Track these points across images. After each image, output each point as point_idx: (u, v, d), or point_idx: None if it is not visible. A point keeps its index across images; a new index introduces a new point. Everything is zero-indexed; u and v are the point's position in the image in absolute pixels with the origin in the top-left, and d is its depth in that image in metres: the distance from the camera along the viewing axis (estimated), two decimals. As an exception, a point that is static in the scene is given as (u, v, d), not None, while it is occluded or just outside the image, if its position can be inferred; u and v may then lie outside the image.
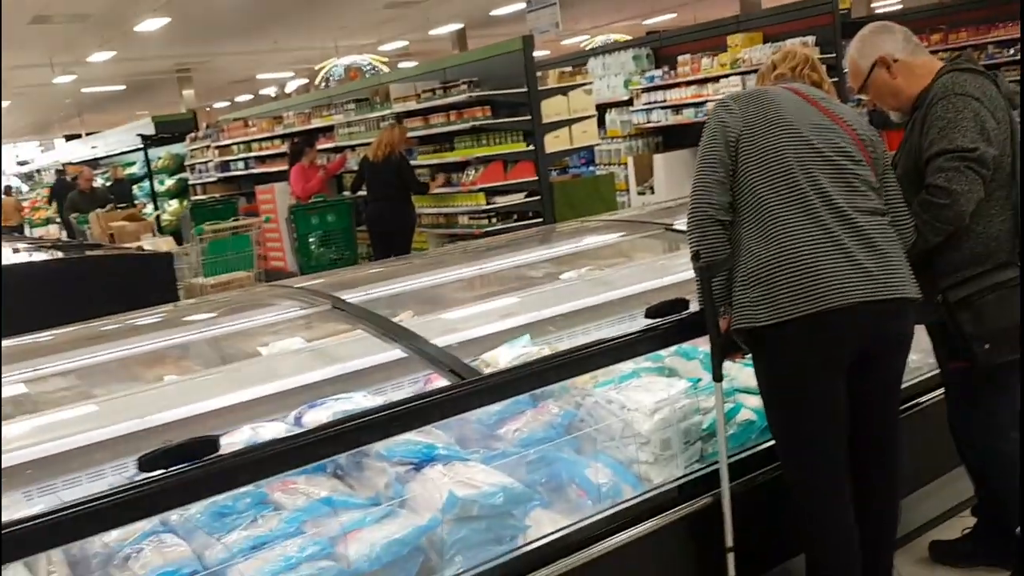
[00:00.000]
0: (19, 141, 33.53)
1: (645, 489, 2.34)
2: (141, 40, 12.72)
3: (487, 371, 2.89)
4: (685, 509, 2.33)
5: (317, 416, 2.47)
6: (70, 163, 18.94)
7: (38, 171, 26.75)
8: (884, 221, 2.22)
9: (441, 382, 2.18)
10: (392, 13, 14.42)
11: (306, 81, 22.11)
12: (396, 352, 2.25)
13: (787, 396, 2.23)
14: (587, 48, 16.23)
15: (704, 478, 2.39)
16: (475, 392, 1.88)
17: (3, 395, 2.64)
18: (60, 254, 6.01)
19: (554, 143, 8.29)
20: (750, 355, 2.28)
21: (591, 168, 10.65)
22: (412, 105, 8.78)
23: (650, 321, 2.40)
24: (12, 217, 16.84)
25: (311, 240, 8.99)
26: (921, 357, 2.84)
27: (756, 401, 2.49)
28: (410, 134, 8.59)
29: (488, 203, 8.11)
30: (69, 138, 25.04)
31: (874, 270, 2.12)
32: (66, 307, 5.02)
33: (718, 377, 2.26)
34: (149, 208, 15.37)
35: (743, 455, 2.50)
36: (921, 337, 2.44)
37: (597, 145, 9.44)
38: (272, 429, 2.43)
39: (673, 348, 2.73)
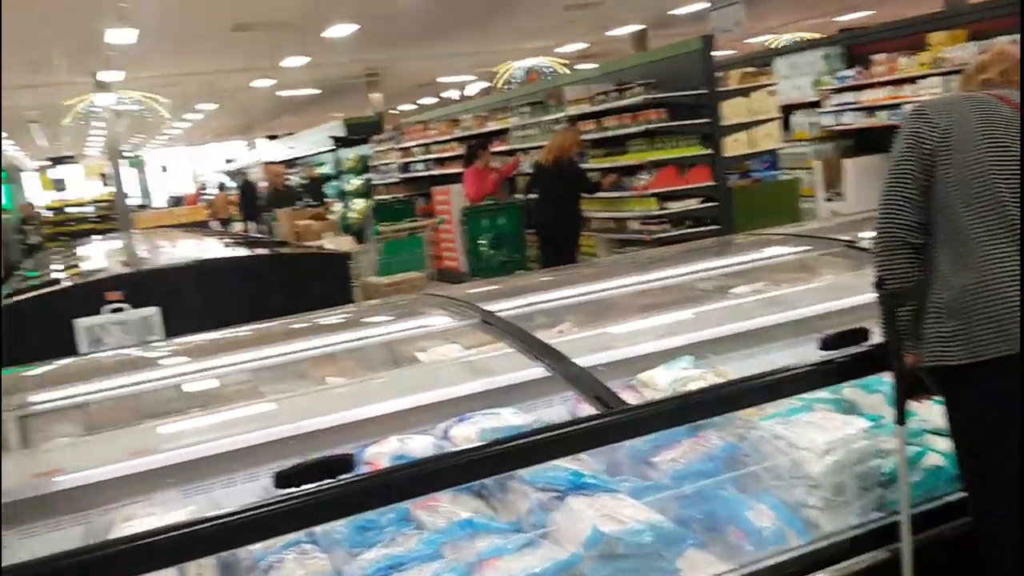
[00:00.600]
0: (227, 140, 36.27)
1: (813, 537, 2.12)
2: (332, 46, 13.35)
3: (643, 392, 2.77)
4: (859, 563, 2.08)
5: (464, 431, 2.41)
6: (270, 162, 20.25)
7: (242, 170, 28.83)
8: None
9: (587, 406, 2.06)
10: (571, 15, 14.39)
11: (487, 84, 22.55)
12: (540, 370, 2.15)
13: (982, 444, 1.96)
14: (772, 47, 15.57)
15: (882, 529, 2.14)
16: (618, 424, 1.74)
17: (185, 390, 2.78)
18: (251, 250, 6.35)
19: (734, 147, 7.97)
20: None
21: (774, 172, 10.16)
22: (586, 108, 8.69)
23: (825, 353, 2.17)
24: (221, 211, 18.26)
25: (481, 242, 9.08)
26: None
27: (947, 445, 2.21)
28: (583, 137, 8.49)
29: (661, 208, 7.89)
30: (271, 138, 26.82)
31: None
32: (252, 299, 5.32)
33: (901, 420, 2.01)
34: (338, 206, 16.17)
35: (929, 506, 2.21)
36: None
37: (781, 149, 8.98)
38: (419, 442, 2.38)
39: (852, 379, 2.48)
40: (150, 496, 2.23)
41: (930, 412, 2.36)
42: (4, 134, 21.56)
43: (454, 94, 25.88)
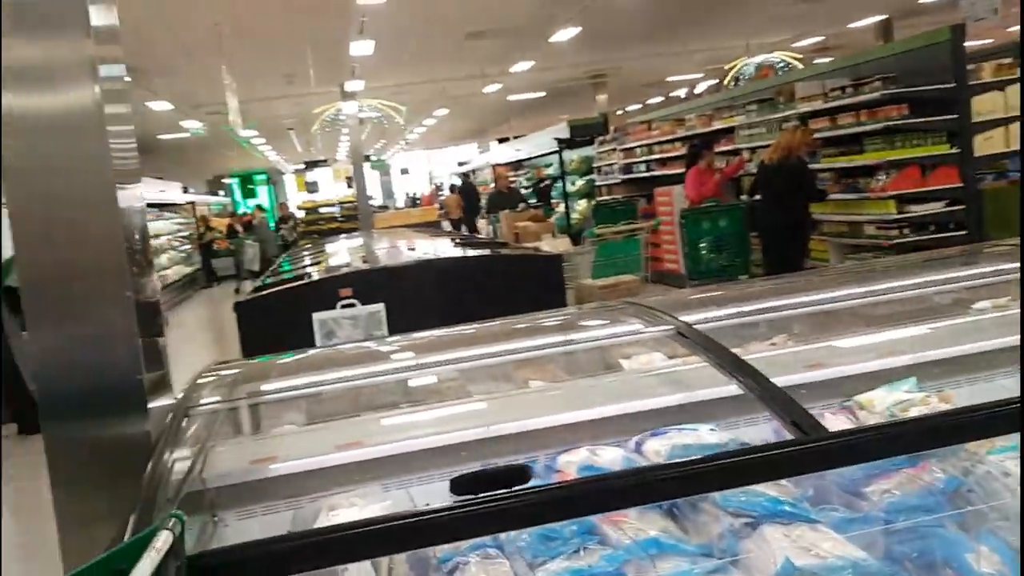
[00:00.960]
0: (461, 144, 37.94)
1: (1043, 589, 1.86)
2: (557, 50, 13.56)
3: (859, 415, 2.56)
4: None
5: (657, 446, 2.34)
6: (497, 164, 20.95)
7: (473, 171, 30.05)
8: None
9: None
10: (807, 8, 13.70)
11: (716, 81, 21.99)
12: (735, 388, 2.04)
13: None
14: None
15: None
16: (813, 453, 1.61)
17: (396, 385, 2.92)
18: (467, 251, 6.59)
19: (986, 145, 7.24)
20: None
21: (1036, 173, 9.14)
22: (818, 104, 8.24)
23: (1071, 384, 1.90)
24: (453, 212, 19.17)
25: (701, 245, 8.86)
26: None
27: None
28: (816, 135, 8.05)
29: (900, 212, 7.32)
30: (500, 141, 27.73)
31: None
32: (466, 299, 5.53)
33: None
34: (561, 207, 16.44)
35: None
36: None
37: (1044, 147, 8.05)
38: (610, 454, 2.35)
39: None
40: (355, 487, 2.36)
41: None
42: (263, 140, 23.73)
43: (682, 93, 25.47)
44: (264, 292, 5.97)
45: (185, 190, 24.68)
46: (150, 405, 2.18)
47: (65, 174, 2.01)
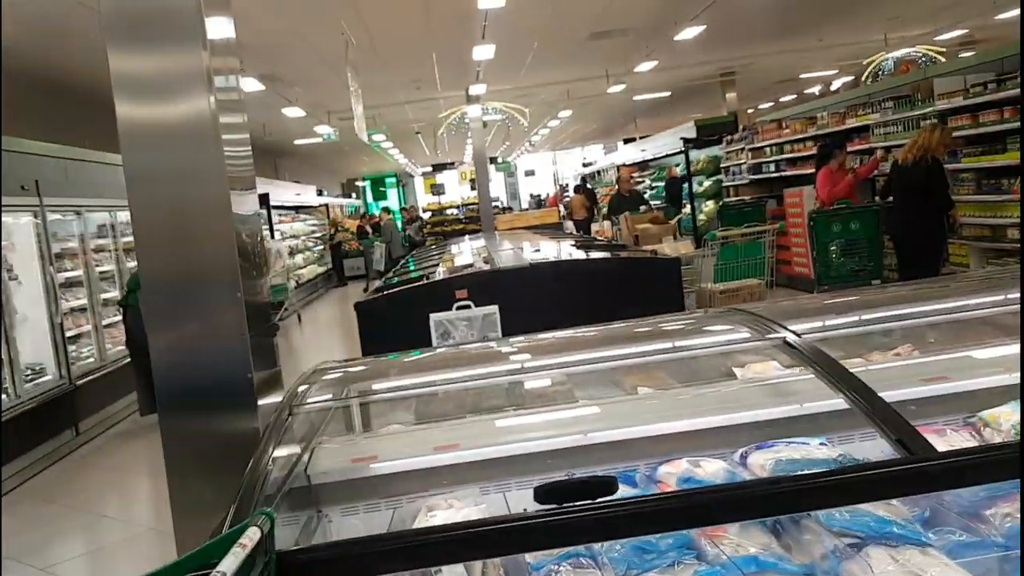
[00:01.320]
0: (588, 144, 37.89)
1: None
2: (681, 48, 13.33)
3: (984, 432, 2.40)
4: None
5: (762, 460, 2.27)
6: (622, 165, 20.78)
7: (598, 172, 29.95)
8: None
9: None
10: (951, -2, 12.99)
11: (852, 78, 21.11)
12: (842, 401, 1.94)
13: None
14: None
15: None
16: (918, 475, 1.51)
17: (504, 388, 2.93)
18: (584, 254, 6.57)
19: None
20: None
21: None
22: (959, 101, 7.77)
23: None
24: (578, 212, 19.13)
25: (831, 248, 8.52)
26: None
27: None
28: (956, 134, 7.60)
29: (1047, 214, 6.82)
30: (626, 141, 27.53)
31: None
32: (581, 303, 5.51)
33: None
34: (687, 208, 16.15)
35: None
36: None
37: None
38: (711, 466, 2.29)
39: None
40: (454, 489, 2.38)
41: None
42: (391, 144, 24.32)
43: (816, 90, 24.57)
44: (383, 293, 6.13)
45: (320, 193, 25.67)
46: (261, 402, 2.27)
47: (181, 182, 2.12)
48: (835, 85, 23.03)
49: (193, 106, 2.12)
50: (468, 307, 5.46)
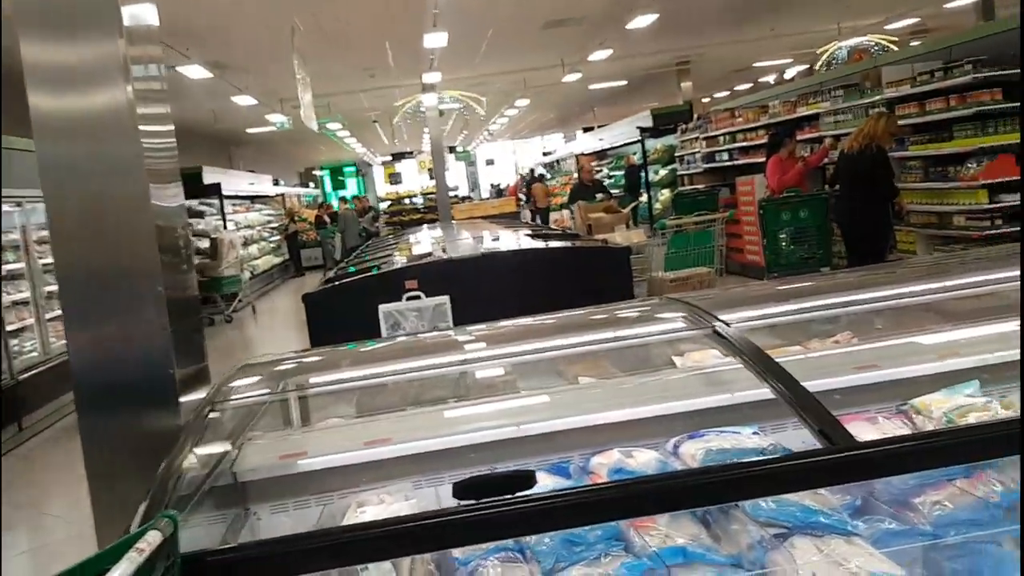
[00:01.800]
0: (547, 134, 37.87)
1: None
2: (635, 37, 13.33)
3: (916, 420, 2.42)
4: None
5: (693, 449, 2.26)
6: (581, 154, 20.81)
7: (558, 161, 29.95)
8: None
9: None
10: (900, -14, 13.13)
11: (806, 67, 21.31)
12: (767, 391, 1.94)
13: None
14: None
15: None
16: (836, 466, 1.51)
17: (443, 380, 2.90)
18: (533, 243, 6.55)
19: (1087, 130, 6.78)
20: None
21: None
22: (906, 90, 7.86)
23: None
24: (541, 200, 19.21)
25: (781, 236, 8.59)
26: None
27: None
28: (903, 122, 7.69)
29: (991, 202, 6.94)
30: (585, 130, 27.57)
31: None
32: (531, 292, 5.49)
33: None
34: (644, 197, 16.22)
35: None
36: None
37: None
38: (644, 456, 2.28)
39: None
40: (385, 484, 2.35)
41: None
42: (348, 133, 24.12)
43: (773, 80, 24.78)
44: (333, 284, 6.06)
45: (276, 182, 25.34)
46: (186, 399, 2.21)
47: (98, 174, 2.05)
48: (789, 74, 23.24)
49: (109, 96, 2.05)
50: (418, 297, 5.41)
